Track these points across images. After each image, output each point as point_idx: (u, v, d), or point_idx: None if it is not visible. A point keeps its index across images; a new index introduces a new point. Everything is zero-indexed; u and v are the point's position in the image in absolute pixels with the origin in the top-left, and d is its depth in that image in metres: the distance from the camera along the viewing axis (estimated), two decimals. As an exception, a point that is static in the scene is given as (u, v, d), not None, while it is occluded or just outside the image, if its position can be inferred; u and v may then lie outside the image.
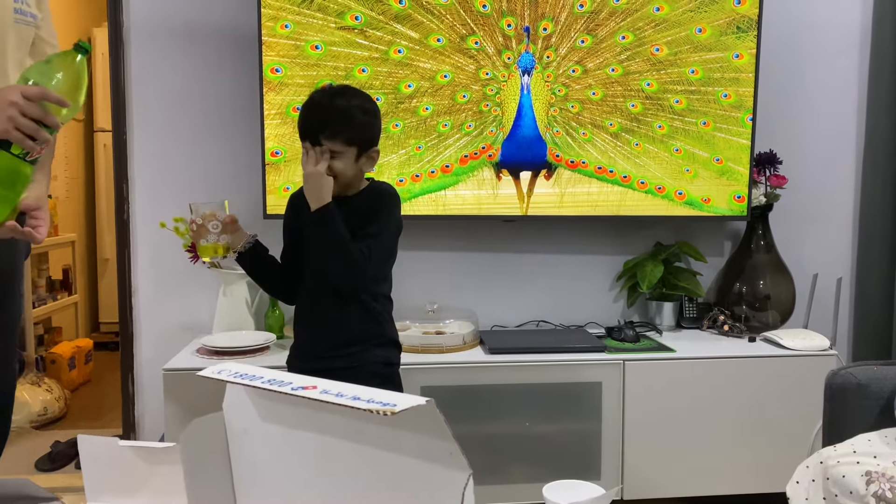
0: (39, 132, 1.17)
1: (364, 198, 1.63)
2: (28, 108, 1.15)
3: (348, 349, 1.58)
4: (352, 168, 1.58)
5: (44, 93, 1.16)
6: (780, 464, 2.09)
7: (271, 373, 0.65)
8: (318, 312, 1.63)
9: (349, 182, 1.60)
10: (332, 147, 1.55)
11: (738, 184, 2.52)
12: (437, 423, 0.55)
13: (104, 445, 0.96)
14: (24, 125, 1.15)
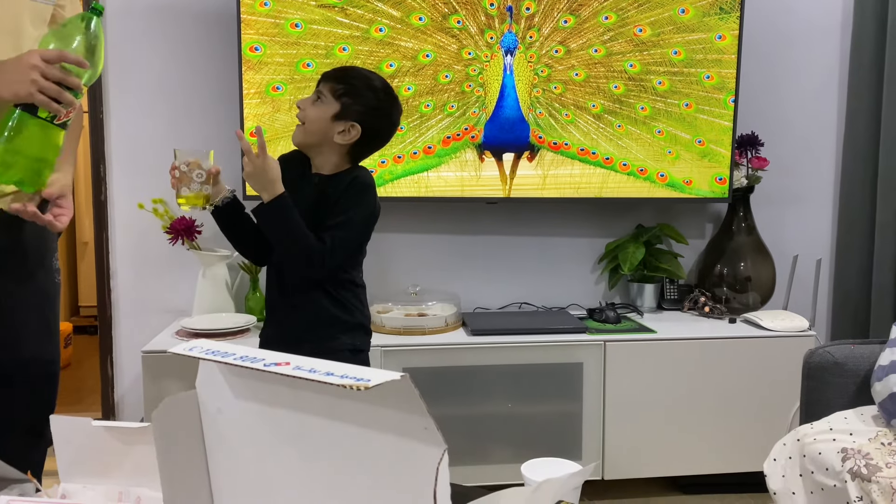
0: (63, 94, 1.19)
1: (340, 182, 1.56)
2: (49, 70, 1.17)
3: (314, 334, 1.55)
4: (322, 122, 1.52)
5: (62, 54, 1.18)
6: (758, 443, 2.11)
7: (243, 349, 0.64)
8: (284, 298, 1.60)
9: (317, 142, 1.54)
10: (321, 88, 1.53)
11: (720, 166, 2.53)
12: (412, 398, 0.54)
13: (77, 426, 0.94)
14: (46, 87, 1.17)
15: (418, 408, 0.54)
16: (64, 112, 1.22)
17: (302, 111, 1.54)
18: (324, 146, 1.55)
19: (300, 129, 1.54)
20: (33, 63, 1.16)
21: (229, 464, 0.69)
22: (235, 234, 1.63)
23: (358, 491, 0.59)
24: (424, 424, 0.54)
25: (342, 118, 1.52)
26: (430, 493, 0.53)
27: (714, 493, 2.38)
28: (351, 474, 0.60)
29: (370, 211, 1.58)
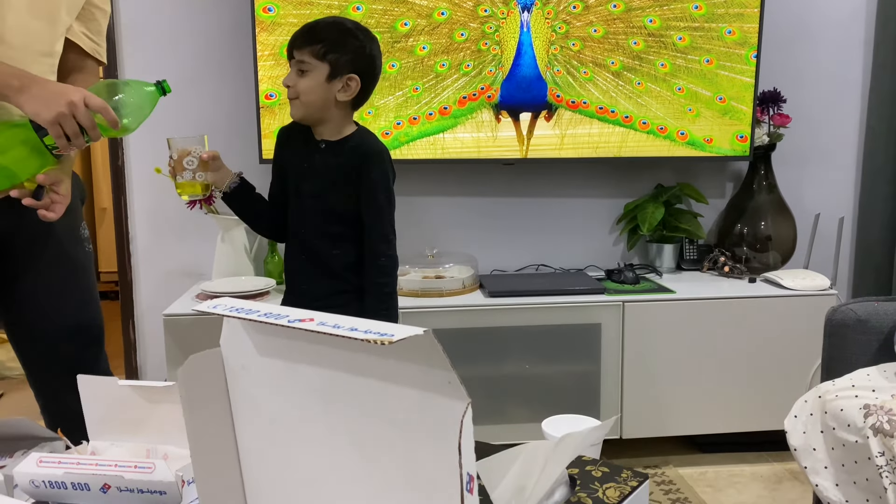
0: (79, 138, 1.19)
1: (352, 148, 1.54)
2: (82, 114, 1.16)
3: (332, 300, 1.56)
4: (320, 89, 1.48)
5: (104, 109, 1.18)
6: (779, 402, 2.11)
7: (267, 307, 0.64)
8: (303, 264, 1.60)
9: (320, 109, 1.51)
10: (301, 58, 1.48)
11: (741, 123, 2.48)
12: (434, 352, 0.54)
13: (105, 385, 0.96)
14: (69, 128, 1.17)
15: (442, 362, 0.54)
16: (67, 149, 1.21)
17: (292, 88, 1.50)
18: (326, 112, 1.52)
19: (297, 105, 1.51)
20: (73, 100, 1.15)
21: (254, 419, 0.70)
22: (249, 216, 1.64)
23: (382, 445, 0.60)
24: (448, 379, 0.54)
25: (336, 76, 1.49)
26: (455, 446, 0.53)
27: (733, 451, 2.39)
28: (375, 429, 0.60)
29: (391, 184, 1.58)
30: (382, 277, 1.57)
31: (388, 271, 1.58)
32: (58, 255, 1.40)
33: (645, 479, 0.74)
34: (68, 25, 1.35)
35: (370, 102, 2.34)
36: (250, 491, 0.72)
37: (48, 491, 0.84)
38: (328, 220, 1.56)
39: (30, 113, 1.17)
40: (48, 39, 1.31)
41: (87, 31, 1.40)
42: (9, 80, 1.17)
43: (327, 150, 1.54)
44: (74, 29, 1.37)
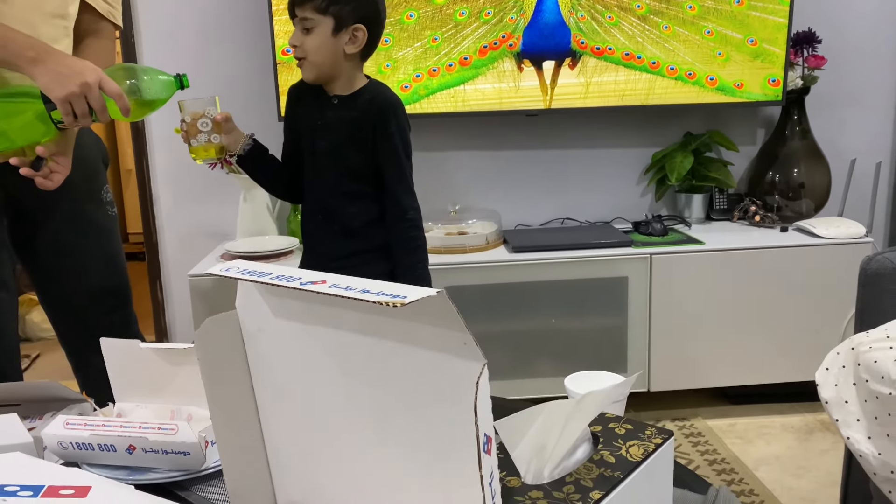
0: (86, 118, 1.18)
1: (366, 101, 1.51)
2: (95, 97, 1.16)
3: (351, 260, 1.55)
4: (328, 45, 1.45)
5: (118, 96, 1.17)
6: (811, 353, 2.08)
7: (280, 269, 0.63)
8: (321, 224, 1.59)
9: (331, 66, 1.48)
10: (303, 15, 1.44)
11: (774, 66, 2.39)
12: (449, 313, 0.52)
13: (127, 348, 0.97)
14: (79, 108, 1.16)
15: (456, 323, 0.52)
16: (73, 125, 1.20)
17: (299, 48, 1.46)
18: (336, 67, 1.49)
19: (307, 65, 1.47)
20: (89, 81, 1.15)
21: (272, 381, 0.69)
22: (264, 177, 1.62)
23: (399, 406, 0.59)
24: (463, 340, 0.53)
25: (342, 28, 1.45)
26: (471, 407, 0.52)
27: (764, 402, 2.37)
28: (390, 390, 0.59)
29: (408, 136, 1.55)
30: (412, 231, 1.55)
31: (417, 224, 1.56)
32: (76, 218, 1.41)
33: (670, 436, 0.72)
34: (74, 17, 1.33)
35: (388, 55, 2.30)
36: (271, 450, 0.72)
37: (76, 452, 0.85)
38: (345, 178, 1.53)
39: (42, 86, 1.16)
40: (60, 1, 1.29)
41: None
42: (24, 50, 1.15)
43: (340, 105, 1.52)
44: None
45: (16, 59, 1.15)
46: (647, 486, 0.69)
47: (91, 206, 1.44)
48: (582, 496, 0.62)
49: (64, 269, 1.42)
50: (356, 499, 0.65)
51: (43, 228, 1.38)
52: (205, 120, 1.44)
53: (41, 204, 1.36)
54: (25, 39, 1.17)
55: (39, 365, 2.99)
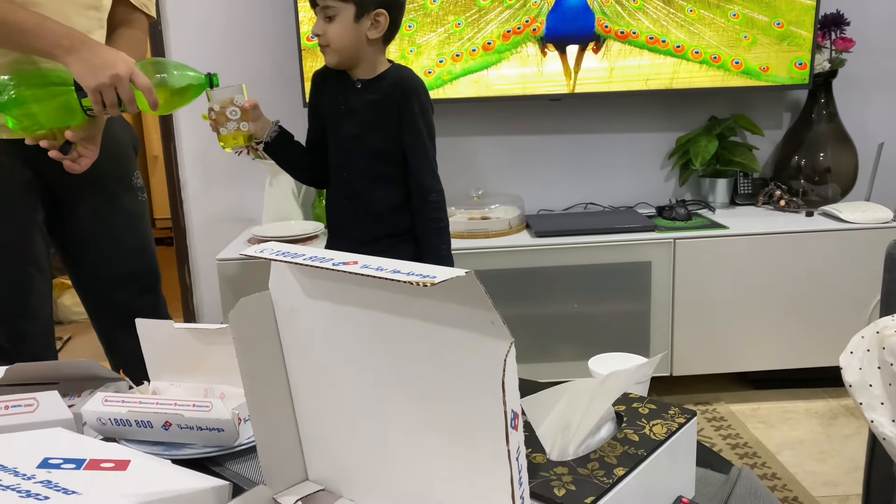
0: (115, 108, 1.21)
1: (390, 84, 1.52)
2: (125, 89, 1.19)
3: (377, 244, 1.56)
4: (350, 32, 1.46)
5: (148, 90, 1.20)
6: (835, 338, 2.07)
7: (312, 250, 0.65)
8: (346, 208, 1.60)
9: (354, 52, 1.49)
10: (324, 3, 1.45)
11: (801, 49, 2.36)
12: (477, 293, 0.54)
13: (162, 328, 1.00)
14: (108, 98, 1.19)
15: (484, 303, 0.54)
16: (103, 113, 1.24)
17: (322, 36, 1.48)
18: (360, 53, 1.50)
19: (330, 52, 1.49)
20: (120, 73, 1.18)
21: (304, 360, 0.71)
22: (290, 164, 1.64)
23: (428, 384, 0.61)
24: (491, 319, 0.54)
25: (363, 14, 1.46)
26: (499, 384, 0.54)
27: (786, 387, 2.36)
28: (420, 368, 0.61)
29: (431, 118, 1.57)
30: (436, 213, 1.57)
31: (440, 206, 1.58)
32: (108, 203, 1.44)
33: (693, 416, 0.73)
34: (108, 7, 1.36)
35: (411, 41, 2.31)
36: (303, 427, 0.74)
37: (114, 428, 0.88)
38: (370, 161, 1.55)
39: (75, 74, 1.19)
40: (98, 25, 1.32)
41: None
42: (60, 39, 1.18)
43: (364, 88, 1.53)
44: None
45: (52, 49, 1.19)
46: (670, 464, 0.70)
47: (122, 192, 1.47)
48: (606, 472, 0.63)
49: (95, 253, 1.45)
50: (385, 474, 0.67)
51: (76, 213, 1.42)
52: (233, 108, 1.46)
53: (75, 189, 1.39)
54: (61, 28, 1.20)
55: (71, 347, 3.06)
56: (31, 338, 1.37)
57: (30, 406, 0.87)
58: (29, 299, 1.36)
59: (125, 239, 1.48)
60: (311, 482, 0.75)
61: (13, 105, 1.23)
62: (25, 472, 0.69)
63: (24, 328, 1.36)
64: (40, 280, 1.38)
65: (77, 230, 1.43)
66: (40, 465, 0.71)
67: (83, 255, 1.45)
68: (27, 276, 1.35)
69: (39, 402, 0.87)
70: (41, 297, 1.39)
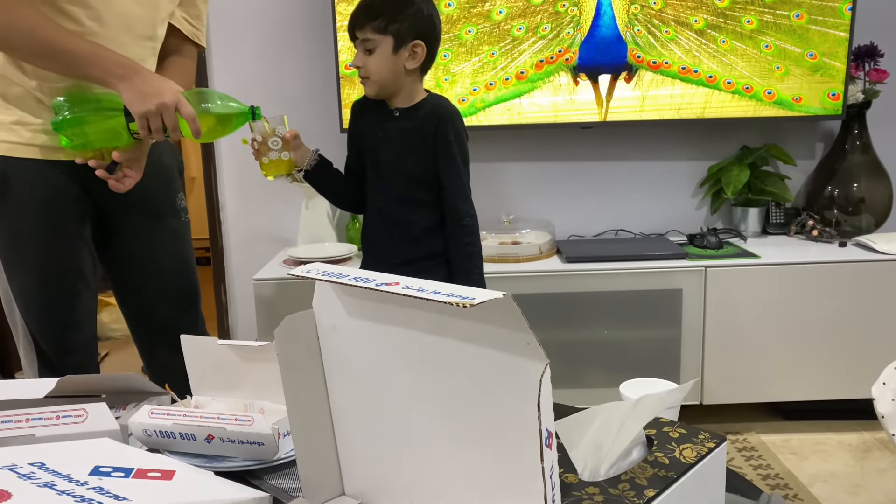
0: (160, 134, 1.27)
1: (427, 113, 1.56)
2: (170, 117, 1.25)
3: (411, 267, 1.59)
4: (389, 64, 1.51)
5: (192, 120, 1.26)
6: (869, 369, 2.03)
7: (356, 271, 0.68)
8: (383, 232, 1.64)
9: (393, 83, 1.54)
10: (364, 36, 1.50)
11: (834, 80, 2.37)
12: (514, 315, 0.56)
13: (205, 344, 1.03)
14: (154, 124, 1.26)
15: (521, 324, 0.56)
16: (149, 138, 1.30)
17: (363, 69, 1.53)
18: (398, 83, 1.55)
19: (370, 84, 1.55)
20: (167, 102, 1.24)
21: (344, 377, 0.74)
22: (330, 191, 1.69)
23: (465, 403, 0.63)
24: (527, 340, 0.57)
25: (402, 46, 1.51)
26: (535, 404, 0.56)
27: (818, 419, 2.33)
28: (458, 387, 0.63)
29: (466, 144, 1.60)
30: (468, 237, 1.60)
31: (472, 230, 1.61)
32: (155, 223, 1.50)
33: (723, 441, 0.75)
34: (170, 11, 1.42)
35: (446, 69, 2.36)
36: (341, 443, 0.76)
37: (159, 440, 0.91)
38: (406, 186, 1.59)
39: (125, 100, 1.26)
40: (150, 24, 1.38)
41: (187, 15, 1.47)
42: (114, 68, 1.25)
43: (401, 116, 1.58)
44: (176, 14, 1.45)
45: (106, 76, 1.25)
46: (699, 487, 0.71)
47: (166, 212, 1.52)
48: (636, 493, 0.65)
49: (139, 271, 1.50)
50: (421, 489, 0.69)
51: (122, 232, 1.47)
52: (275, 139, 1.51)
53: (122, 209, 1.45)
54: (115, 57, 1.26)
55: (109, 363, 3.12)
56: (76, 351, 1.42)
57: (80, 417, 0.90)
58: (75, 313, 1.41)
59: (168, 258, 1.52)
60: (348, 497, 0.77)
61: (68, 125, 1.29)
62: (79, 479, 0.72)
63: (70, 342, 1.41)
64: (87, 296, 1.43)
65: (122, 248, 1.49)
66: (92, 472, 0.74)
67: (127, 273, 1.51)
68: (74, 291, 1.40)
69: (89, 414, 0.90)
70: (87, 312, 1.44)
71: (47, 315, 1.39)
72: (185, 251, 1.57)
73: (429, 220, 1.60)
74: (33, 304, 1.39)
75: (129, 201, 1.44)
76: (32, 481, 0.71)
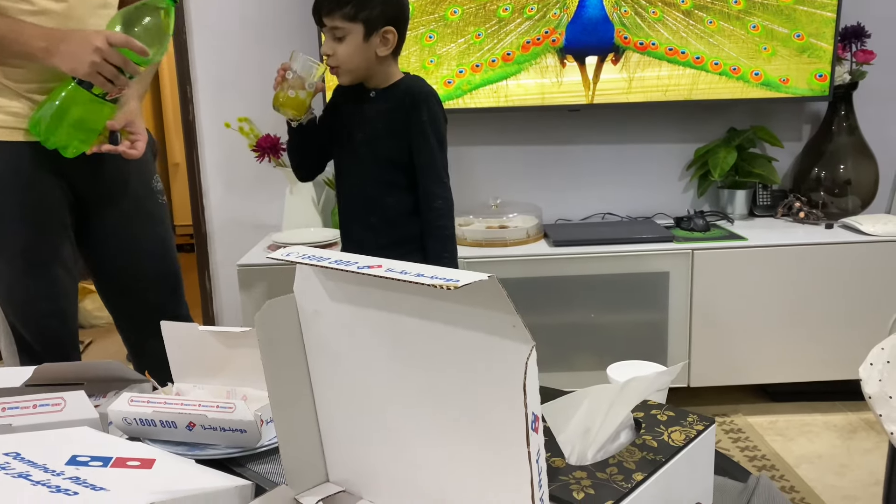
0: (119, 78, 1.24)
1: (402, 93, 1.54)
2: (111, 55, 1.21)
3: (386, 253, 1.56)
4: (361, 52, 1.48)
5: (127, 41, 1.22)
6: (855, 351, 2.05)
7: (337, 254, 0.66)
8: (359, 214, 1.62)
9: (365, 70, 1.52)
10: (332, 24, 1.47)
11: (821, 61, 2.36)
12: (499, 297, 0.55)
13: (186, 331, 1.01)
14: (105, 71, 1.22)
15: (506, 307, 0.55)
16: (116, 90, 1.27)
17: (333, 57, 1.49)
18: (371, 69, 1.53)
19: (342, 73, 1.52)
20: (98, 46, 1.20)
21: (327, 362, 0.73)
22: (305, 151, 1.65)
23: (449, 386, 0.61)
24: (512, 322, 0.55)
25: (372, 33, 1.48)
26: (520, 387, 0.55)
27: (805, 400, 2.34)
28: (442, 371, 0.62)
29: (441, 125, 1.58)
30: (440, 220, 1.58)
31: (444, 213, 1.58)
32: (133, 207, 1.48)
33: (711, 423, 0.74)
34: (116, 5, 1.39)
35: (431, 51, 2.33)
36: (325, 429, 0.75)
37: (139, 428, 0.90)
38: (382, 168, 1.57)
39: (67, 71, 1.23)
40: None
41: None
42: (36, 41, 1.22)
43: (377, 97, 1.56)
44: None
45: (32, 52, 1.22)
46: (688, 470, 0.71)
47: (143, 195, 1.50)
48: (625, 477, 0.64)
49: (119, 256, 1.48)
50: (405, 475, 0.68)
51: (100, 215, 1.45)
52: (311, 82, 1.48)
53: (100, 193, 1.43)
54: (34, 30, 1.23)
55: (92, 351, 3.09)
56: (57, 339, 1.40)
57: (57, 405, 0.89)
58: (57, 301, 1.39)
59: (148, 240, 1.51)
60: (332, 483, 0.76)
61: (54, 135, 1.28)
62: (55, 469, 0.71)
63: (52, 329, 1.39)
64: (69, 283, 1.41)
65: (101, 232, 1.46)
66: (68, 462, 0.72)
67: (107, 257, 1.48)
68: (56, 279, 1.38)
69: (67, 402, 0.88)
70: (68, 300, 1.42)
71: (28, 303, 1.37)
72: (164, 233, 1.55)
73: (405, 203, 1.59)
74: (14, 291, 1.36)
75: (105, 185, 1.41)
76: (6, 472, 0.69)
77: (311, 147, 1.64)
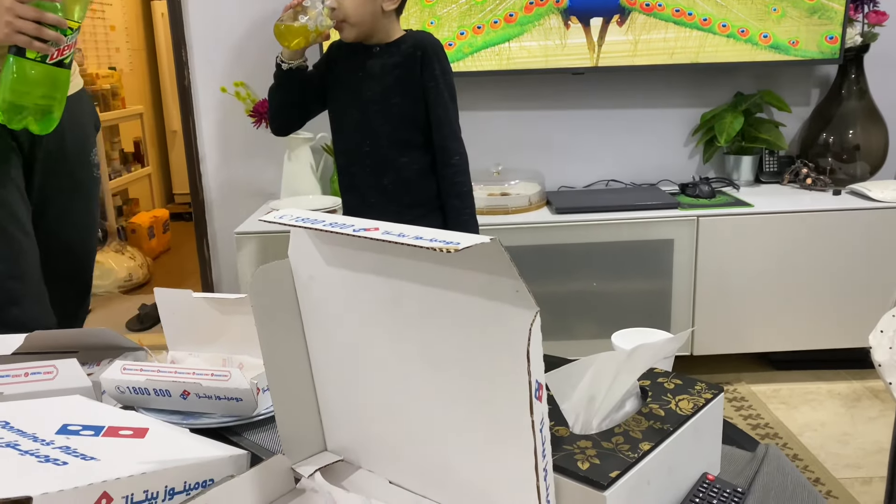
0: (42, 31, 1.18)
1: (410, 46, 1.50)
2: (22, 10, 1.16)
3: (402, 216, 1.54)
4: (367, 5, 1.45)
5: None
6: (862, 319, 2.03)
7: (333, 217, 0.64)
8: (370, 177, 1.58)
9: (371, 24, 1.48)
10: None
11: (832, 23, 2.30)
12: (501, 260, 0.52)
13: (179, 298, 0.99)
14: (21, 27, 1.16)
15: (509, 271, 0.52)
16: (55, 50, 1.20)
17: (338, 10, 1.45)
18: (375, 24, 1.49)
19: (347, 27, 1.48)
20: (7, 6, 1.15)
21: (323, 329, 0.70)
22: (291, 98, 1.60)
23: (450, 353, 0.59)
24: (516, 287, 0.53)
25: None
26: (524, 354, 0.52)
27: (808, 369, 2.33)
28: (442, 337, 0.59)
29: (452, 80, 1.55)
30: (459, 176, 1.55)
31: (463, 169, 1.56)
32: (66, 174, 1.47)
33: (720, 392, 0.72)
34: None
35: (432, 12, 2.27)
36: (322, 397, 0.73)
37: (133, 396, 0.88)
38: (395, 125, 1.53)
39: None
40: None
41: None
42: None
43: (382, 52, 1.52)
44: None
45: None
46: (695, 439, 0.69)
47: (80, 166, 1.50)
48: (631, 447, 0.62)
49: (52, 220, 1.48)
50: (405, 445, 0.66)
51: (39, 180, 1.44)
52: (321, 18, 1.44)
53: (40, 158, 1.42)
54: None
55: (90, 319, 3.08)
56: (23, 301, 1.38)
57: (49, 374, 0.87)
58: (17, 261, 1.37)
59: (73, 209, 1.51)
60: (329, 452, 0.74)
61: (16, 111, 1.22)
62: (44, 438, 0.69)
63: (16, 291, 1.37)
64: (27, 243, 1.39)
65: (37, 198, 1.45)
66: (59, 431, 0.71)
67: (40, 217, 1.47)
68: (13, 238, 1.36)
69: (59, 370, 0.87)
70: (28, 260, 1.40)
71: None
72: (89, 207, 1.55)
73: (420, 162, 1.55)
74: None
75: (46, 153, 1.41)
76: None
77: (294, 95, 1.59)
